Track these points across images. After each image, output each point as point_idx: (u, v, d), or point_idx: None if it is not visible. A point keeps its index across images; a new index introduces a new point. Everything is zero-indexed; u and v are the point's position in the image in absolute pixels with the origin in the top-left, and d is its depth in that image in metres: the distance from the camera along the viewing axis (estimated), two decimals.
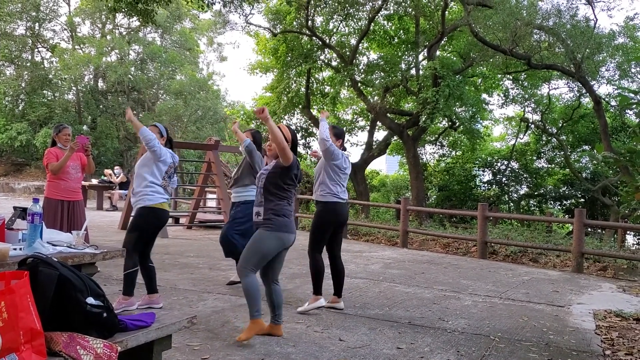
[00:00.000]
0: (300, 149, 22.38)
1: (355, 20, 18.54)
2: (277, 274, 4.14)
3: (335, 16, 18.42)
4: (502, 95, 21.94)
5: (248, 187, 5.79)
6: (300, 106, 20.08)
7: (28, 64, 24.51)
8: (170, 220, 11.86)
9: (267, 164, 4.34)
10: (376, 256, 9.05)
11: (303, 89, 19.82)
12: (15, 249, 3.26)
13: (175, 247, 8.88)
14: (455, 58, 18.37)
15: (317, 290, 5.03)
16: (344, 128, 22.57)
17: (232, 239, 5.72)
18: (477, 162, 23.55)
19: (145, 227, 4.59)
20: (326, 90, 21.17)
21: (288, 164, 3.91)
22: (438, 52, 18.03)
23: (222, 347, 3.83)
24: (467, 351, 4.03)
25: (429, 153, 25.04)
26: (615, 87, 17.78)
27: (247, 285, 3.91)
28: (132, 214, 4.77)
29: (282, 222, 3.94)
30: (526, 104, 22.01)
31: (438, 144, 24.19)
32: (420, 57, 18.76)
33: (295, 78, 19.82)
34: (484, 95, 21.26)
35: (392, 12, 18.24)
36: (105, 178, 16.38)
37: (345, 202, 5.12)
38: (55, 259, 2.43)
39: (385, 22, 19.43)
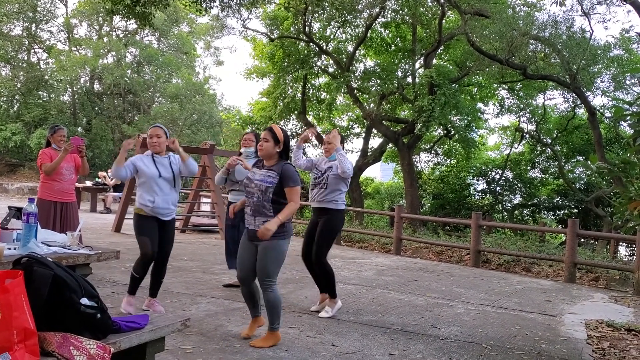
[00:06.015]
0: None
1: (352, 27, 18.63)
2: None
3: (332, 23, 18.49)
4: (497, 104, 22.09)
5: None
6: (296, 112, 20.11)
7: (24, 65, 24.43)
8: None
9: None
10: (370, 263, 9.06)
11: (299, 95, 19.86)
12: (9, 249, 3.26)
13: None
14: (451, 67, 18.49)
15: (333, 294, 5.12)
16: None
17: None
18: (471, 170, 23.64)
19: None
20: (322, 97, 21.22)
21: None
22: (434, 61, 18.12)
23: (215, 350, 3.83)
24: (459, 358, 4.04)
25: (423, 161, 25.15)
26: (610, 99, 17.92)
27: (274, 298, 3.93)
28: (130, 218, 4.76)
29: (290, 226, 4.03)
30: (521, 113, 22.15)
31: (433, 152, 24.27)
32: (417, 65, 18.87)
33: (291, 84, 19.86)
34: (480, 105, 21.39)
35: (389, 19, 18.34)
36: (100, 180, 16.31)
37: None
38: (50, 259, 2.42)
39: (383, 30, 19.53)
